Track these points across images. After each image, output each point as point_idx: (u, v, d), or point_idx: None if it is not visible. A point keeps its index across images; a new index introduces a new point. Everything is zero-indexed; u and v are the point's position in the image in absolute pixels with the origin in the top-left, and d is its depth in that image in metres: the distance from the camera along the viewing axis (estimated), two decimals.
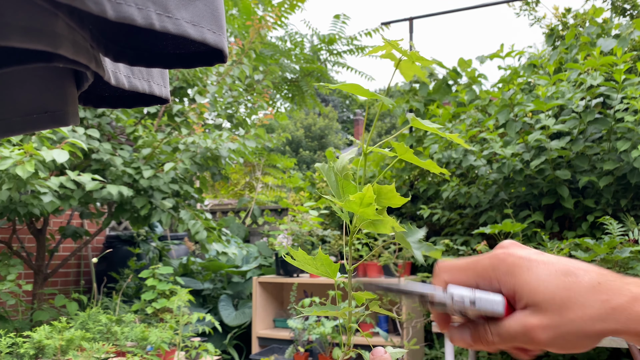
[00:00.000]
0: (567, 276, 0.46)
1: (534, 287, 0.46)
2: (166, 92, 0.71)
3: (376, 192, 0.55)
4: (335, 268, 0.59)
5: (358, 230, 0.59)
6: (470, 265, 0.51)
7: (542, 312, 0.46)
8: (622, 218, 2.79)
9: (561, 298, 0.45)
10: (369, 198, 0.51)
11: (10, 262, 3.10)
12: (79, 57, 0.52)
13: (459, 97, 3.68)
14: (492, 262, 0.49)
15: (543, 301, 0.45)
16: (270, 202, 6.64)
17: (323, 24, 44.41)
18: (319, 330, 3.09)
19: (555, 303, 0.45)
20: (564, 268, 0.46)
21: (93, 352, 2.37)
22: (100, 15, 0.43)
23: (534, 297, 0.46)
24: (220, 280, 4.73)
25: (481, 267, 0.50)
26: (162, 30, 0.48)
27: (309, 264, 0.59)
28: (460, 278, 0.51)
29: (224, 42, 0.55)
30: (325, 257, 0.58)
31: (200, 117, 3.52)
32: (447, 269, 0.52)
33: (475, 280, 0.50)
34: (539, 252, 0.49)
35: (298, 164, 22.60)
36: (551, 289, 0.45)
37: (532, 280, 0.46)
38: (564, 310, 0.45)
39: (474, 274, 0.50)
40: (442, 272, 0.52)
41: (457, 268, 0.51)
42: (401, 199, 0.55)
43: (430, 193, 3.69)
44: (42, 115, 0.64)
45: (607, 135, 2.90)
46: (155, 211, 3.21)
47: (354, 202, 0.52)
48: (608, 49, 3.09)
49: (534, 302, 0.46)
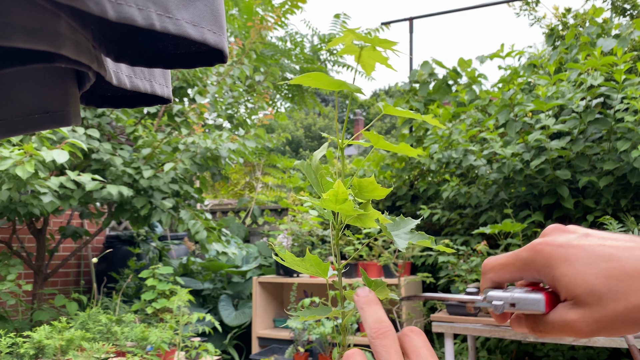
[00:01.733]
0: (608, 262, 0.42)
1: (572, 278, 0.43)
2: (168, 91, 0.71)
3: (357, 186, 0.54)
4: (325, 267, 0.58)
5: (345, 227, 0.59)
6: (510, 261, 0.49)
7: (582, 305, 0.43)
8: (622, 218, 2.80)
9: (600, 288, 0.42)
10: (342, 194, 0.50)
11: (10, 262, 3.10)
12: (81, 58, 0.53)
13: (459, 97, 3.68)
14: (530, 255, 0.47)
15: (582, 294, 0.43)
16: (270, 202, 6.64)
17: (323, 23, 44.40)
18: (319, 330, 3.09)
19: (595, 294, 0.42)
20: (605, 253, 0.43)
21: (93, 352, 2.37)
22: (101, 16, 0.43)
23: (573, 290, 0.43)
24: (220, 280, 4.73)
25: (521, 261, 0.48)
26: (162, 31, 0.48)
27: (298, 265, 0.58)
28: (505, 274, 0.50)
29: (225, 42, 0.55)
30: (314, 257, 0.57)
31: (200, 117, 3.52)
32: (491, 267, 0.51)
33: (519, 275, 0.48)
34: (582, 235, 0.46)
35: None
36: (590, 280, 0.43)
37: (569, 271, 0.44)
38: (604, 301, 0.42)
39: (515, 268, 0.48)
40: (487, 271, 0.51)
41: (500, 265, 0.50)
42: (384, 190, 0.53)
43: (430, 193, 3.69)
44: (44, 115, 0.64)
45: (607, 135, 2.90)
46: (155, 211, 3.21)
47: (328, 200, 0.50)
48: (608, 49, 3.09)
49: (572, 295, 0.44)
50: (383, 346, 0.46)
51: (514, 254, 0.49)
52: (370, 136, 0.56)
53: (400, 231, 0.57)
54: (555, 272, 0.45)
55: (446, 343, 2.66)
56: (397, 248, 0.53)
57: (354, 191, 0.55)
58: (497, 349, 3.22)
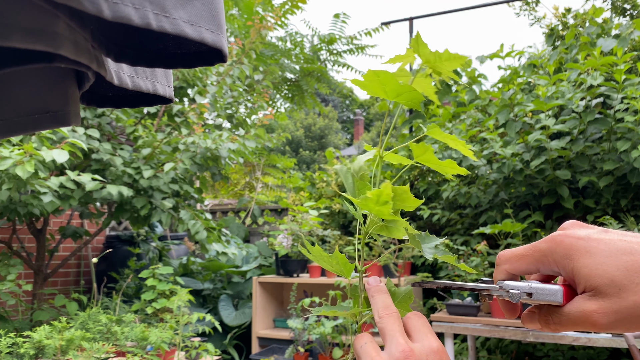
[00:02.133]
0: (629, 255, 0.43)
1: (592, 269, 0.44)
2: (170, 91, 0.71)
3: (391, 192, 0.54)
4: (350, 268, 0.59)
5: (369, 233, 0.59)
6: (528, 252, 0.50)
7: (602, 296, 0.44)
8: (622, 218, 2.80)
9: (621, 280, 0.43)
10: (386, 196, 0.50)
11: (10, 262, 3.10)
12: (80, 58, 0.52)
13: (459, 97, 3.68)
14: (550, 246, 0.48)
15: (602, 284, 0.44)
16: (270, 202, 6.64)
17: (323, 23, 44.38)
18: (319, 330, 3.09)
19: (615, 285, 0.43)
20: (626, 246, 0.44)
21: (93, 352, 2.36)
22: (97, 15, 0.43)
23: (593, 281, 0.44)
24: (220, 280, 4.73)
25: (539, 252, 0.49)
26: (159, 30, 0.48)
27: (324, 261, 0.59)
28: (521, 266, 0.50)
29: (223, 41, 0.55)
30: (342, 257, 0.58)
31: (200, 117, 3.52)
32: (507, 259, 0.51)
33: (535, 266, 0.49)
34: (601, 230, 0.47)
35: (298, 164, 22.59)
36: (610, 271, 0.43)
37: (590, 263, 0.44)
38: (624, 293, 0.43)
39: (533, 259, 0.49)
40: (502, 262, 0.52)
41: (517, 256, 0.50)
42: (416, 201, 0.53)
43: (430, 193, 3.69)
44: (44, 115, 0.64)
45: (607, 135, 2.90)
46: (155, 211, 3.21)
47: (370, 200, 0.51)
48: (608, 49, 3.09)
49: (592, 286, 0.44)
50: (387, 324, 0.51)
51: (532, 245, 0.49)
52: (415, 148, 0.55)
53: (425, 246, 0.58)
54: (576, 263, 0.45)
55: (446, 343, 2.66)
56: (426, 258, 0.53)
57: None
58: (497, 349, 3.22)
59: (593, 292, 0.44)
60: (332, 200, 4.34)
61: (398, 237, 0.56)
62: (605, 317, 0.44)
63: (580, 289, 0.46)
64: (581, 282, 0.45)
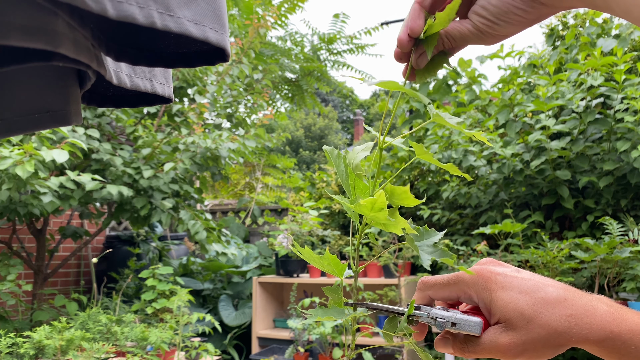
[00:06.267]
0: (536, 292, 0.50)
1: (507, 302, 0.50)
2: (169, 91, 0.71)
3: (389, 192, 0.54)
4: (342, 268, 0.59)
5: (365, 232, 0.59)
6: (452, 281, 0.54)
7: (512, 328, 0.49)
8: (622, 218, 2.79)
9: (529, 313, 0.49)
10: (380, 203, 0.51)
11: (10, 262, 3.09)
12: (80, 56, 0.52)
13: (459, 97, 3.67)
14: (472, 278, 0.53)
15: (513, 317, 0.49)
16: (270, 203, 6.63)
17: (323, 23, 44.41)
18: (319, 331, 3.09)
19: (524, 318, 0.49)
20: (534, 285, 0.50)
21: (93, 352, 2.36)
22: (101, 14, 0.42)
23: (506, 313, 0.50)
24: (220, 281, 4.73)
25: (463, 282, 0.53)
26: (163, 29, 0.48)
27: (315, 261, 0.59)
28: (444, 293, 0.55)
29: (227, 40, 0.55)
30: (333, 257, 0.59)
31: (200, 117, 3.52)
32: (431, 286, 0.56)
33: (457, 294, 0.54)
34: (515, 269, 0.53)
35: (298, 164, 22.59)
36: (521, 305, 0.49)
37: (505, 296, 0.50)
38: (531, 325, 0.48)
39: (456, 288, 0.54)
40: (426, 289, 0.56)
41: (441, 284, 0.55)
42: (415, 200, 0.54)
43: (430, 193, 3.69)
44: (44, 114, 0.63)
45: (607, 135, 2.90)
46: (155, 211, 3.21)
47: (364, 207, 0.51)
48: (608, 49, 3.09)
49: (505, 318, 0.50)
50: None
51: (456, 275, 0.54)
52: (416, 147, 0.55)
53: (424, 243, 0.58)
54: (493, 295, 0.51)
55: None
56: (422, 264, 0.53)
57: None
58: None
59: (505, 323, 0.50)
60: (332, 200, 4.34)
61: (396, 232, 0.55)
62: (515, 348, 0.49)
63: (495, 319, 0.51)
64: (496, 313, 0.51)
